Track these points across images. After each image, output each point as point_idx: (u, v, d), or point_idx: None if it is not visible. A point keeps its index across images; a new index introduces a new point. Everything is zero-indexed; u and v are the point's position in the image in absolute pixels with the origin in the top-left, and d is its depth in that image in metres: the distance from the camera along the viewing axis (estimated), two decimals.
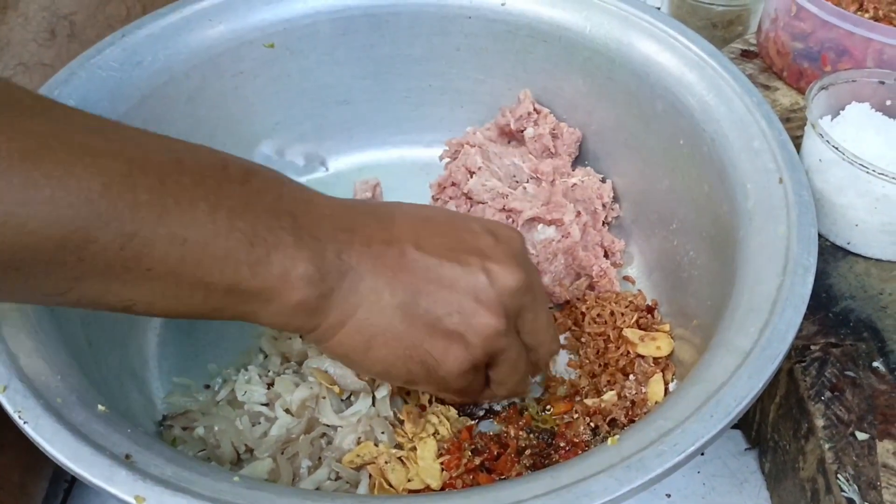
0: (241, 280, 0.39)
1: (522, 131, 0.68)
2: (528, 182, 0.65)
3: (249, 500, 0.37)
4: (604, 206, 0.65)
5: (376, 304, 0.42)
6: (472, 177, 0.65)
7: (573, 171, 0.67)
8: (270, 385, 0.54)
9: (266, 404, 0.53)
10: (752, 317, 0.46)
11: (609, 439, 0.41)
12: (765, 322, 0.45)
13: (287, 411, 0.52)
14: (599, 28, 0.64)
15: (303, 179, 0.74)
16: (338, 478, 0.51)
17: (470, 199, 0.64)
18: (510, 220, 0.63)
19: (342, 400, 0.54)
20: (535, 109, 0.68)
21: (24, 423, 0.39)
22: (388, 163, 0.74)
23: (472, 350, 0.44)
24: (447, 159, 0.69)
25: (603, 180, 0.67)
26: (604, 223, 0.66)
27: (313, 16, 0.67)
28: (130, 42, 0.62)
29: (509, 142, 0.70)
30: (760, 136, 0.55)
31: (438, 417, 0.53)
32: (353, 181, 0.72)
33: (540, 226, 0.62)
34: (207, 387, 0.57)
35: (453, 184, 0.66)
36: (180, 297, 0.39)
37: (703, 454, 0.59)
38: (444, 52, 0.71)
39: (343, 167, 0.74)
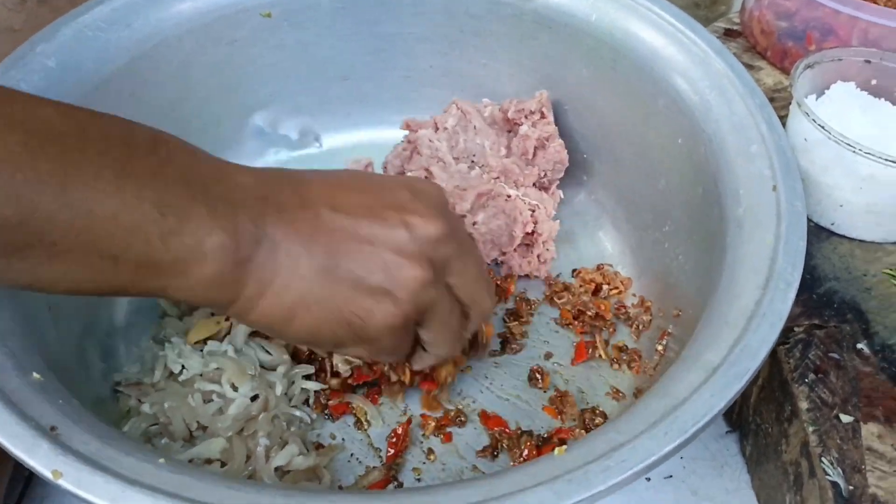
0: (153, 252, 0.37)
1: (519, 124, 0.65)
2: (479, 167, 0.63)
3: (170, 485, 0.36)
4: (527, 234, 0.62)
5: (294, 270, 0.40)
6: (435, 132, 0.64)
7: (537, 189, 0.64)
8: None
9: (216, 382, 0.52)
10: (725, 330, 0.43)
11: (557, 449, 0.39)
12: (737, 337, 0.42)
13: (234, 387, 0.51)
14: (605, 17, 0.62)
15: (295, 154, 0.73)
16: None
17: (415, 147, 0.64)
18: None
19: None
20: (542, 114, 0.65)
21: None
22: (384, 143, 0.71)
23: (400, 305, 0.42)
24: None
25: (555, 219, 0.63)
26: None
27: None
28: (121, 3, 0.60)
29: (509, 131, 0.68)
30: (759, 140, 0.52)
31: None
32: (346, 158, 0.70)
33: None
34: None
35: (419, 129, 0.65)
36: (87, 273, 0.37)
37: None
38: (447, 33, 0.69)
39: (338, 144, 0.73)
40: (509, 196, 0.60)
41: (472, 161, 0.64)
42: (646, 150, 0.62)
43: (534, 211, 0.60)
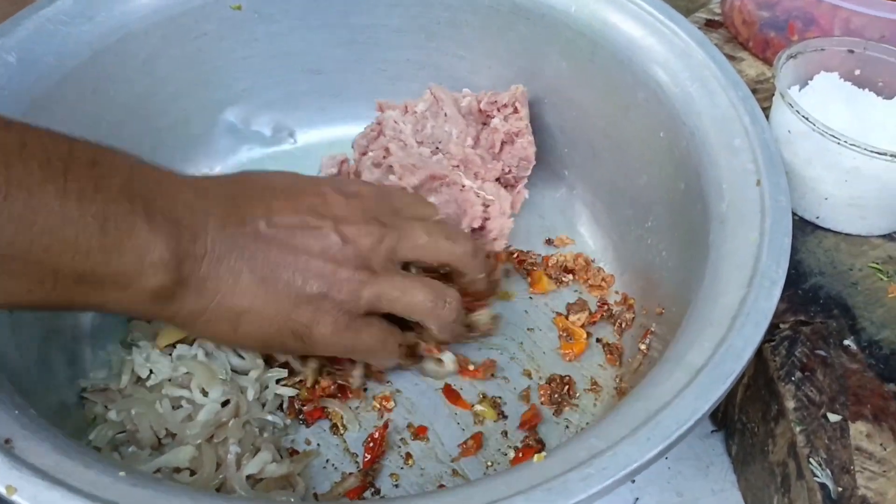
0: (94, 266, 0.38)
1: (491, 116, 0.64)
2: (442, 154, 0.62)
3: (131, 499, 0.34)
4: (473, 229, 0.60)
5: (235, 285, 0.43)
6: (404, 115, 0.63)
7: (500, 185, 0.62)
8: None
9: (185, 387, 0.50)
10: (709, 330, 0.42)
11: (536, 456, 0.38)
12: (721, 337, 0.41)
13: (204, 392, 0.49)
14: (584, 7, 0.60)
15: (269, 151, 0.71)
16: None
17: (382, 128, 0.63)
18: (384, 159, 0.61)
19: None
20: (515, 108, 0.64)
21: None
22: None
23: (339, 307, 0.45)
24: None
25: (510, 217, 0.61)
26: None
27: None
28: None
29: (484, 123, 0.66)
30: (742, 133, 0.51)
31: None
32: (322, 155, 0.69)
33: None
34: None
35: (389, 109, 0.65)
36: (26, 285, 0.37)
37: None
38: (423, 25, 0.67)
39: (312, 140, 0.71)
40: (464, 186, 0.59)
41: (437, 147, 0.62)
42: (627, 143, 0.60)
43: (487, 206, 0.59)
